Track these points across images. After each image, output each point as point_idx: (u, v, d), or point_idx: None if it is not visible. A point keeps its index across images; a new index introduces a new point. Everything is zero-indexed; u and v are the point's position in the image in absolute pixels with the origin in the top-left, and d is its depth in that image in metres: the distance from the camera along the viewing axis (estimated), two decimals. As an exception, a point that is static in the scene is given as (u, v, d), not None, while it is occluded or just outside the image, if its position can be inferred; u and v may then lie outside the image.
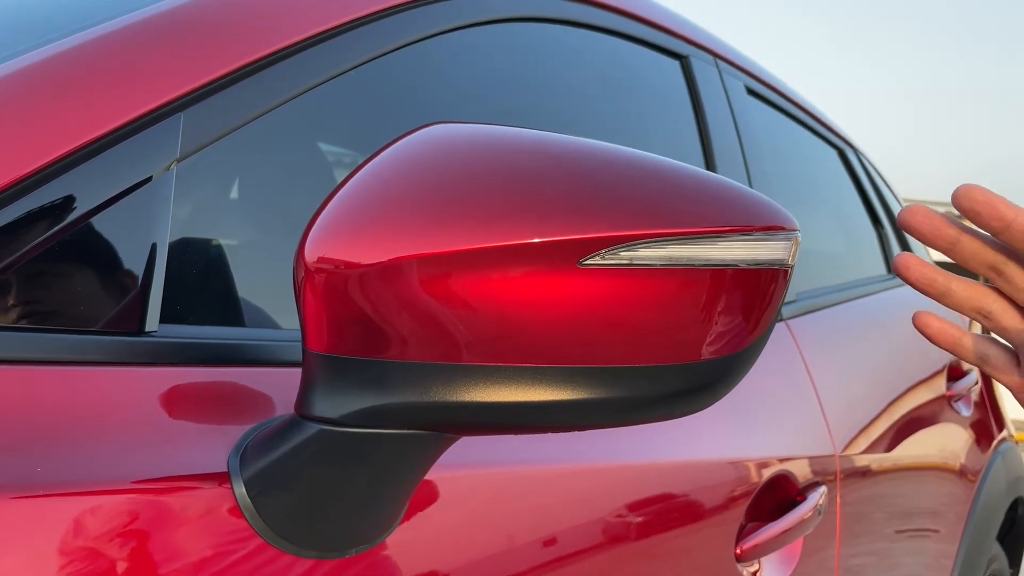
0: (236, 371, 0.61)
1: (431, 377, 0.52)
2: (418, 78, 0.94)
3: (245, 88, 0.67)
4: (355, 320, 0.51)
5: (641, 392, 0.53)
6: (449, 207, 0.51)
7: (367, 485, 0.56)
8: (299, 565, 0.56)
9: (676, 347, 0.53)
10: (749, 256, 0.54)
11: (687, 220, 0.52)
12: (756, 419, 1.14)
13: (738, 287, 0.54)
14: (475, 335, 0.51)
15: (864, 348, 1.59)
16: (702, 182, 0.55)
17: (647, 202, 0.52)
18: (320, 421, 0.53)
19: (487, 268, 0.50)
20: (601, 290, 0.51)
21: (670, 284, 0.52)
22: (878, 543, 1.44)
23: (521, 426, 0.54)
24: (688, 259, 0.52)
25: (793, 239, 0.56)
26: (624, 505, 0.88)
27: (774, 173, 1.54)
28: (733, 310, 0.55)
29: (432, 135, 0.56)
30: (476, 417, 0.53)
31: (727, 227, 0.53)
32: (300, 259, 0.52)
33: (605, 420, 0.55)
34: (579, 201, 0.51)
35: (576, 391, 0.52)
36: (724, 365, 0.55)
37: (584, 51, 1.23)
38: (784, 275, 0.56)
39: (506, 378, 0.52)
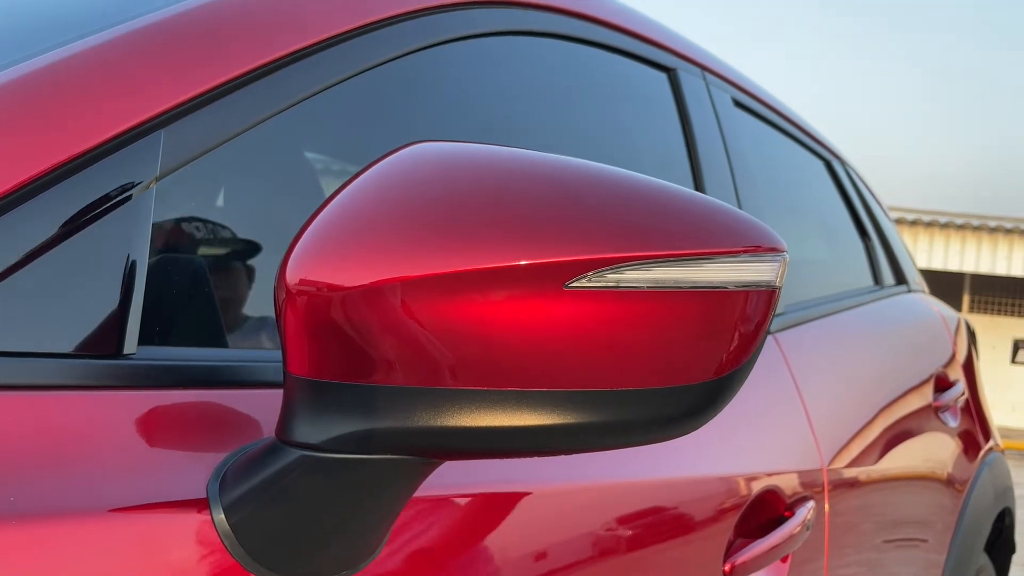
0: (216, 393, 0.60)
1: (415, 402, 0.51)
2: (404, 93, 0.94)
3: (227, 104, 0.66)
4: (337, 343, 0.51)
5: (629, 416, 0.53)
6: (433, 229, 0.51)
7: (349, 511, 0.55)
8: (280, 592, 0.55)
9: (664, 370, 0.53)
10: (736, 278, 0.54)
11: (674, 242, 0.52)
12: (743, 434, 1.13)
13: (725, 309, 0.54)
14: (460, 359, 0.50)
15: (851, 360, 1.59)
16: (689, 203, 0.54)
17: (634, 224, 0.52)
18: (302, 447, 0.52)
19: (472, 291, 0.50)
20: (588, 313, 0.50)
21: (657, 307, 0.52)
22: (866, 554, 1.44)
23: (507, 451, 0.53)
24: (675, 281, 0.52)
25: (781, 260, 0.55)
26: (611, 523, 0.87)
27: (761, 185, 1.54)
28: (721, 332, 0.54)
29: (415, 155, 0.55)
30: (461, 442, 0.52)
31: (714, 249, 0.53)
32: (281, 281, 0.51)
33: (593, 444, 0.54)
34: (566, 223, 0.51)
35: (563, 415, 0.52)
36: (713, 387, 0.55)
37: (572, 64, 1.23)
38: (771, 296, 0.55)
39: (492, 402, 0.51)
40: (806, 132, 1.93)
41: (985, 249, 10.74)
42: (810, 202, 2.01)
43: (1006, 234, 10.67)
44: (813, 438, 1.27)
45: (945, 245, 10.87)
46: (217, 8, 0.69)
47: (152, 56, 0.63)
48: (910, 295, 2.17)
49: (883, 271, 2.10)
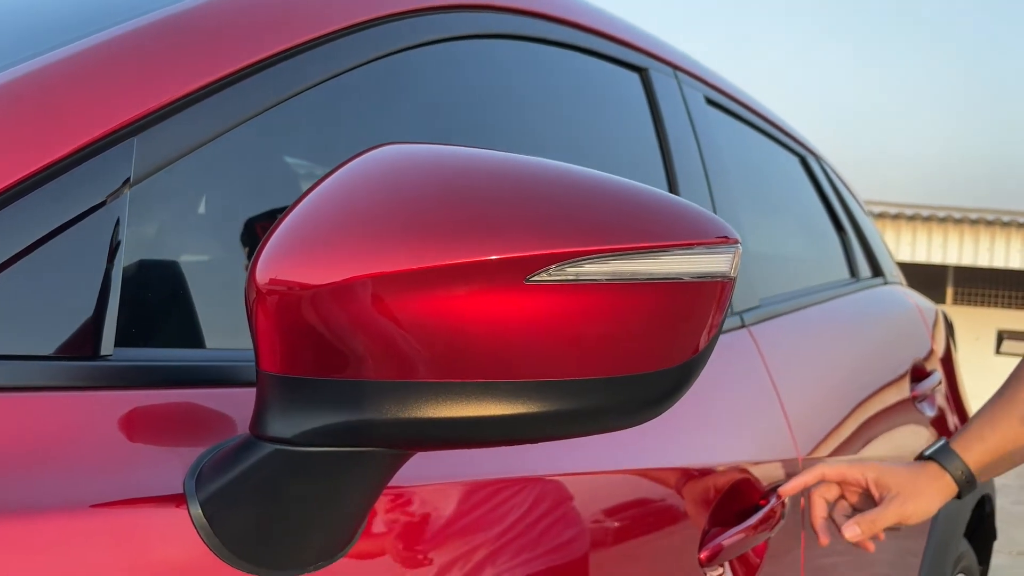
0: (192, 392, 0.61)
1: (385, 395, 0.53)
2: (376, 97, 0.95)
3: (198, 111, 0.67)
4: (308, 340, 0.52)
5: (591, 404, 0.55)
6: (398, 227, 0.52)
7: (323, 502, 0.57)
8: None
9: (624, 359, 0.55)
10: (691, 269, 0.56)
11: (630, 236, 0.54)
12: (717, 426, 1.15)
13: (682, 299, 0.56)
14: (427, 352, 0.52)
15: (827, 351, 1.62)
16: (645, 198, 0.56)
17: (591, 219, 0.54)
18: (274, 441, 0.54)
19: (436, 287, 0.51)
20: (548, 306, 0.52)
21: (616, 298, 0.54)
22: (843, 544, 1.46)
23: (475, 441, 0.55)
24: (632, 274, 0.54)
25: (734, 251, 0.57)
26: (585, 514, 0.89)
27: (735, 181, 1.56)
28: (678, 322, 0.56)
29: (381, 156, 0.57)
30: (431, 433, 0.54)
31: (669, 242, 0.55)
32: (252, 281, 0.53)
33: (557, 432, 0.56)
34: (526, 220, 0.53)
35: (527, 405, 0.54)
36: (672, 375, 0.57)
37: (544, 67, 1.25)
38: (726, 286, 0.58)
39: (459, 394, 0.53)
40: (780, 129, 1.96)
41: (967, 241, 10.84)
42: (785, 198, 2.04)
43: (987, 226, 10.77)
44: (788, 429, 1.29)
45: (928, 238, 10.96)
46: (188, 15, 0.71)
47: (124, 64, 0.65)
48: (887, 287, 2.20)
49: (859, 264, 2.13)
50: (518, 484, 0.82)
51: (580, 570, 0.87)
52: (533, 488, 0.84)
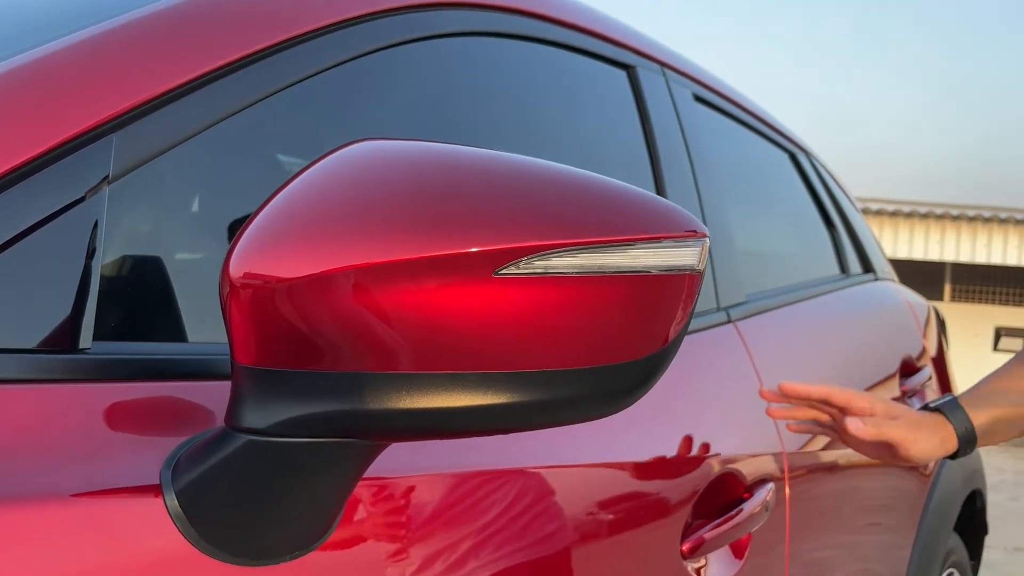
0: (169, 385, 0.62)
1: (355, 386, 0.54)
2: (362, 94, 0.96)
3: (181, 107, 0.68)
4: (280, 333, 0.53)
5: (561, 395, 0.56)
6: (368, 222, 0.53)
7: (298, 493, 0.58)
8: (233, 572, 0.58)
9: (593, 351, 0.56)
10: (659, 263, 0.56)
11: (598, 230, 0.55)
12: (701, 419, 1.16)
13: (650, 292, 0.57)
14: (398, 344, 0.53)
15: (815, 346, 1.63)
16: (614, 192, 0.57)
17: (559, 213, 0.55)
18: (249, 432, 0.55)
19: (406, 280, 0.52)
20: (517, 298, 0.53)
21: (584, 291, 0.55)
22: (830, 539, 1.47)
23: (447, 431, 0.56)
24: (599, 267, 0.55)
25: (701, 245, 0.58)
26: (567, 505, 0.90)
27: (722, 178, 1.57)
28: (646, 314, 0.57)
29: (354, 152, 0.58)
30: (403, 424, 0.55)
31: (637, 236, 0.56)
32: (225, 275, 0.54)
33: (527, 423, 0.57)
34: (494, 214, 0.54)
35: (498, 395, 0.55)
36: (640, 367, 0.58)
37: (527, 64, 1.25)
38: (694, 279, 0.58)
39: (431, 385, 0.54)
40: (770, 125, 1.97)
41: (964, 238, 10.84)
42: (775, 194, 2.05)
43: (984, 223, 10.78)
44: (774, 423, 1.30)
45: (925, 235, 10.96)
46: (168, 13, 0.72)
47: (103, 61, 0.66)
48: (877, 283, 2.21)
49: (849, 260, 2.14)
50: (502, 476, 0.83)
51: (562, 561, 0.88)
52: (517, 480, 0.85)
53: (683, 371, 1.21)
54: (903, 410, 1.09)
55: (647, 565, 0.97)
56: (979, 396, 1.10)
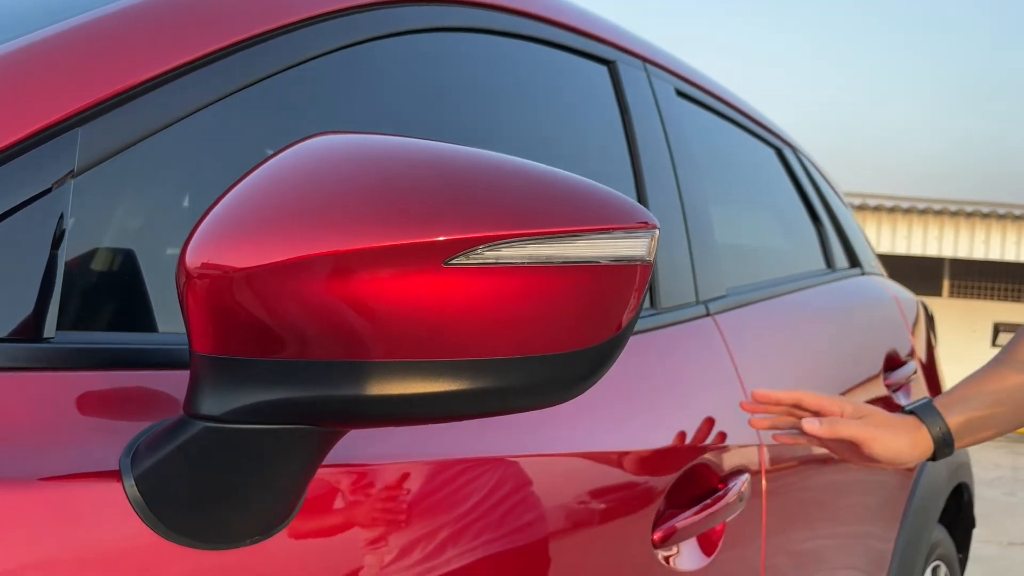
0: (133, 374, 0.64)
1: (309, 374, 0.55)
2: (338, 89, 0.97)
3: (146, 102, 0.69)
4: (235, 322, 0.54)
5: (512, 382, 0.57)
6: (321, 213, 0.55)
7: (256, 479, 0.59)
8: (192, 557, 0.59)
9: (543, 339, 0.57)
10: (608, 253, 0.58)
11: (547, 221, 0.56)
12: (676, 411, 1.17)
13: (600, 282, 0.58)
14: (351, 333, 0.54)
15: (795, 340, 1.64)
16: (563, 184, 0.58)
17: (509, 204, 0.56)
18: (205, 419, 0.56)
19: (357, 270, 0.54)
20: (467, 288, 0.55)
21: (534, 281, 0.56)
22: (809, 532, 1.48)
23: (401, 418, 0.58)
24: (548, 257, 0.56)
25: (650, 236, 0.59)
26: (538, 494, 0.91)
27: (704, 173, 1.58)
28: (597, 303, 0.58)
29: (312, 145, 0.59)
30: (357, 411, 0.56)
31: (586, 227, 0.57)
32: (182, 265, 0.55)
33: (479, 410, 0.58)
34: (444, 205, 0.55)
35: (449, 383, 0.56)
36: (591, 355, 0.59)
37: (507, 60, 1.26)
38: (645, 270, 0.60)
39: (384, 373, 0.55)
40: (756, 121, 1.98)
41: (962, 234, 10.85)
42: (759, 189, 2.06)
43: (983, 218, 10.78)
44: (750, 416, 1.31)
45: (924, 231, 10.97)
46: (136, 7, 0.73)
47: (69, 56, 0.67)
48: (864, 278, 2.22)
49: (835, 255, 2.15)
50: (474, 464, 0.84)
51: (532, 548, 0.89)
52: (489, 468, 0.86)
53: (659, 363, 1.23)
54: (873, 411, 1.09)
55: (618, 552, 0.99)
56: (955, 398, 1.11)
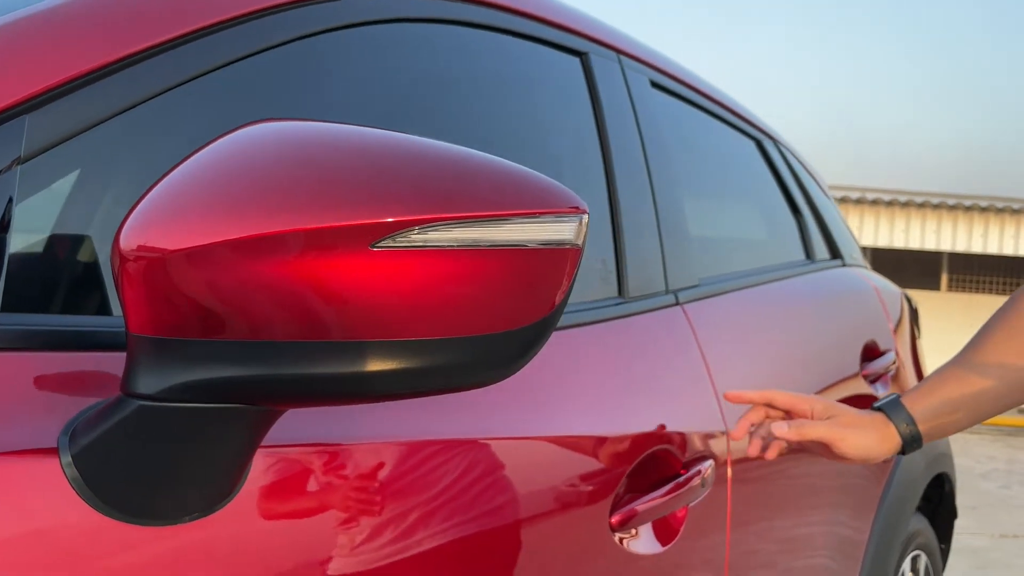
0: (76, 356, 0.65)
1: (241, 353, 0.56)
2: (300, 78, 0.98)
3: (97, 90, 0.71)
4: (167, 303, 0.56)
5: (441, 362, 0.58)
6: (252, 197, 0.56)
7: (193, 458, 0.61)
8: (131, 533, 0.60)
9: (472, 320, 0.58)
10: (536, 237, 0.59)
11: (474, 204, 0.57)
12: (639, 396, 1.19)
13: (528, 265, 0.59)
14: (281, 314, 0.56)
15: (768, 330, 1.65)
16: (491, 168, 0.60)
17: (436, 188, 0.57)
18: (140, 397, 0.58)
19: (287, 252, 0.55)
20: (395, 270, 0.56)
21: (462, 264, 0.57)
22: (777, 521, 1.50)
23: (333, 397, 0.59)
24: (475, 240, 0.57)
25: (579, 220, 0.61)
26: (497, 477, 0.93)
27: (679, 165, 1.59)
28: (526, 286, 0.60)
29: (247, 132, 0.60)
30: (289, 390, 0.58)
31: (513, 211, 0.58)
32: (116, 248, 0.57)
33: (413, 389, 0.60)
34: (371, 189, 0.56)
35: (379, 362, 0.57)
36: (521, 336, 0.60)
37: (477, 52, 1.27)
38: (574, 253, 0.61)
39: (313, 353, 0.57)
40: (735, 112, 1.99)
41: (961, 228, 10.86)
42: (737, 181, 2.07)
43: (981, 212, 10.78)
44: (717, 403, 1.33)
45: (921, 225, 10.98)
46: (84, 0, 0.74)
47: (16, 44, 0.68)
48: (844, 269, 2.23)
49: (815, 246, 2.16)
50: (431, 447, 0.86)
51: (493, 530, 0.90)
52: (452, 451, 0.88)
53: (625, 351, 1.24)
54: (841, 411, 1.11)
55: (575, 535, 1.00)
56: (922, 393, 1.12)
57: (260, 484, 0.69)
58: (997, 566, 4.63)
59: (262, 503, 0.69)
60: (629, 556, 1.06)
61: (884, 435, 1.10)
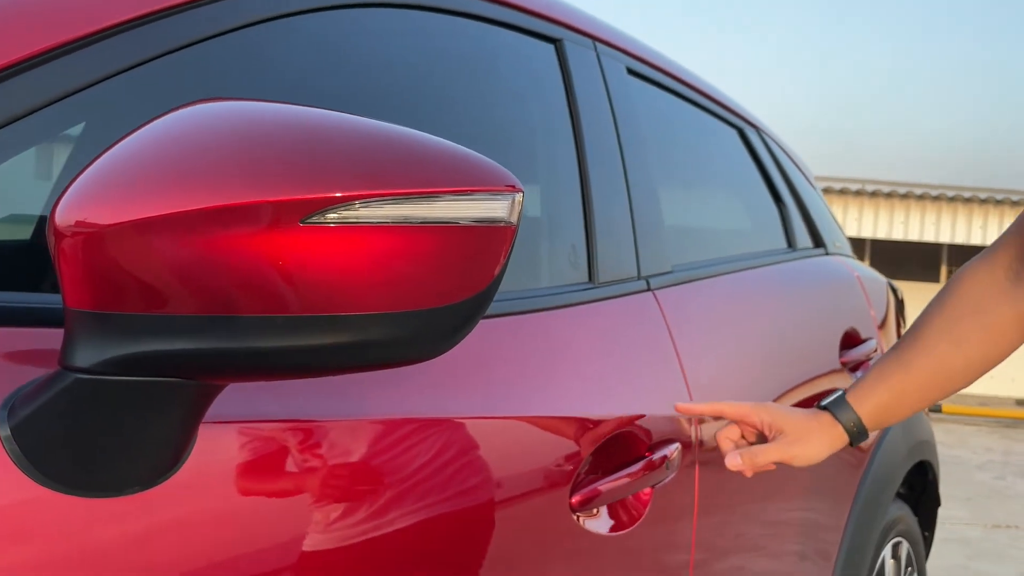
0: (16, 332, 0.66)
1: (175, 327, 0.57)
2: (265, 63, 0.99)
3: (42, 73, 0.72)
4: (102, 278, 0.57)
5: (374, 337, 0.59)
6: (188, 173, 0.57)
7: (132, 431, 0.62)
8: (72, 505, 0.62)
9: (406, 296, 0.59)
10: (468, 215, 0.60)
11: (405, 181, 0.58)
12: (605, 379, 1.20)
13: (462, 242, 0.60)
14: (213, 288, 0.57)
15: (741, 316, 1.65)
16: (424, 146, 0.61)
17: (367, 165, 0.58)
18: (76, 371, 0.59)
19: (218, 226, 0.56)
20: (325, 245, 0.57)
21: (393, 240, 0.58)
22: (748, 507, 1.50)
23: (267, 371, 0.60)
24: (406, 217, 0.58)
25: (511, 199, 0.62)
26: (454, 458, 0.94)
27: (654, 153, 1.59)
28: (459, 263, 0.61)
29: (181, 111, 0.61)
30: (223, 364, 0.59)
31: (444, 188, 0.59)
32: (52, 224, 0.58)
33: (346, 364, 0.61)
34: (303, 166, 0.57)
35: (313, 337, 0.58)
36: (455, 312, 0.61)
37: (448, 39, 1.28)
38: (508, 231, 0.62)
39: (247, 327, 0.58)
40: (716, 101, 1.99)
41: (960, 220, 10.84)
42: (716, 169, 2.07)
43: (981, 204, 10.77)
44: (686, 388, 1.34)
45: (921, 217, 10.97)
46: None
47: None
48: (826, 258, 2.24)
49: (798, 235, 2.16)
50: (390, 425, 0.87)
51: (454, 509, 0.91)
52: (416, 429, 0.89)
53: (594, 335, 1.25)
54: (788, 419, 1.12)
55: (533, 514, 1.01)
56: (867, 389, 1.13)
57: (210, 458, 0.70)
58: (989, 556, 4.64)
59: (209, 478, 0.70)
60: (589, 535, 1.07)
61: (832, 436, 1.13)
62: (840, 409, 1.13)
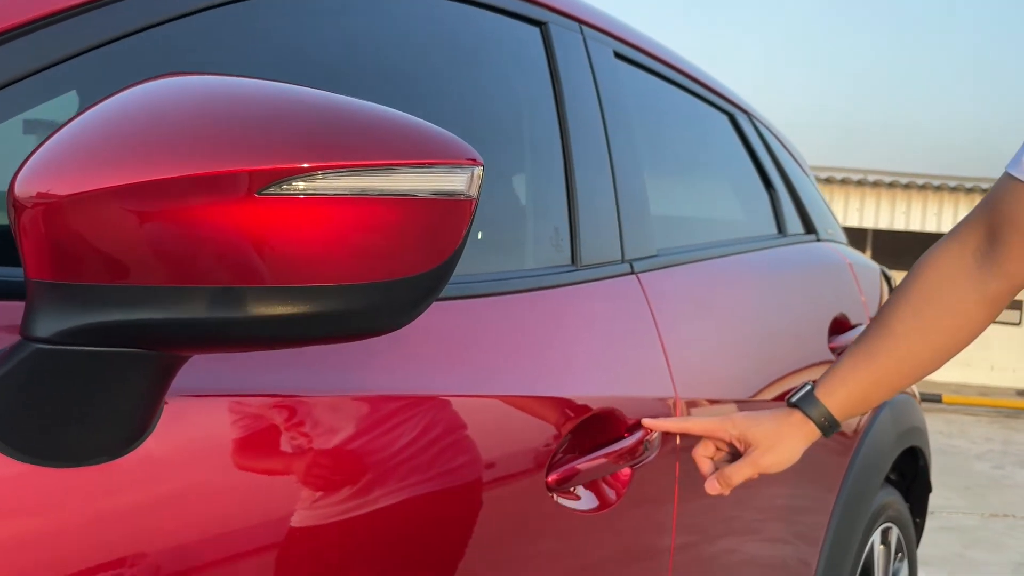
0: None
1: (134, 298, 0.58)
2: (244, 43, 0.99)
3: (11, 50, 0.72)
4: (61, 248, 0.57)
5: (336, 308, 0.60)
6: (145, 144, 0.57)
7: (95, 401, 0.62)
8: (37, 474, 0.62)
9: (365, 268, 0.60)
10: (427, 187, 0.60)
11: (362, 154, 0.59)
12: (583, 362, 1.20)
13: (421, 215, 0.61)
14: (172, 259, 0.57)
15: (726, 300, 1.66)
16: (382, 119, 0.61)
17: (323, 137, 0.59)
18: (37, 341, 0.59)
19: (174, 198, 0.56)
20: (281, 217, 0.57)
21: (351, 212, 0.59)
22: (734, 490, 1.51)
23: (225, 343, 0.60)
24: (364, 189, 0.59)
25: (471, 172, 0.62)
26: (432, 436, 0.94)
27: (641, 137, 1.59)
28: (418, 235, 0.61)
29: (148, 85, 0.62)
30: (182, 335, 0.59)
31: (402, 160, 0.59)
32: (11, 195, 0.58)
33: (308, 335, 0.61)
34: (255, 137, 0.57)
35: (268, 307, 0.59)
36: (415, 284, 0.62)
37: (431, 19, 1.28)
38: (467, 204, 0.62)
39: (202, 298, 0.58)
40: (706, 86, 1.98)
41: (962, 210, 10.83)
42: (705, 154, 2.07)
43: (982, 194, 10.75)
44: (668, 370, 1.34)
45: (923, 207, 10.96)
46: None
47: None
48: (817, 244, 2.24)
49: (789, 221, 2.16)
50: (367, 402, 0.87)
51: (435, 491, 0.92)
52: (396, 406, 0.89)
53: (575, 317, 1.25)
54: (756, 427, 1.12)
55: (510, 492, 1.02)
56: (836, 382, 1.13)
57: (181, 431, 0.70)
58: (985, 544, 4.65)
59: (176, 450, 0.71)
60: (565, 514, 1.08)
61: (804, 433, 1.14)
62: (809, 405, 1.13)
